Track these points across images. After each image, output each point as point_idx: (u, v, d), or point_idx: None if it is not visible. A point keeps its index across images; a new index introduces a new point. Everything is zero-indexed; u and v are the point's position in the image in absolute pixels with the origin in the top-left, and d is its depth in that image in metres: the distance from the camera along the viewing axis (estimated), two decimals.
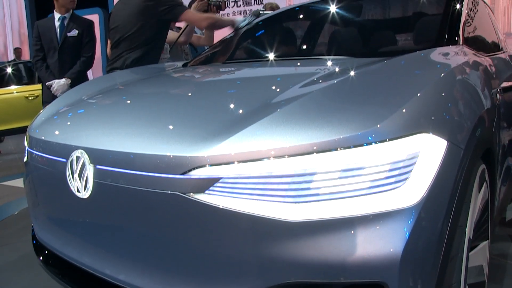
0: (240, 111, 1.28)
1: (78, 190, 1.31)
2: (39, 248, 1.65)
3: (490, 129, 1.49)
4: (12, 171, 5.22)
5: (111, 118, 1.50)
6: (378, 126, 1.04)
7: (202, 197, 1.08)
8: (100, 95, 1.85)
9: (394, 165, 1.02)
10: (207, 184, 1.08)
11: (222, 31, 3.09)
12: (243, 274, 1.07)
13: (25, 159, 1.71)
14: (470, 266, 1.25)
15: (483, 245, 1.43)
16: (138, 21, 2.97)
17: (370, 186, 1.02)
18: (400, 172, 1.03)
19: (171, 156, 1.12)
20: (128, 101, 1.73)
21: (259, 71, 2.03)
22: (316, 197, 1.02)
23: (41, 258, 1.61)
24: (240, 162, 1.06)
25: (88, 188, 1.28)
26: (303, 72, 1.82)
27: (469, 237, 1.21)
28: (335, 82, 1.36)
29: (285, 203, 1.03)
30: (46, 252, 1.60)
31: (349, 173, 1.02)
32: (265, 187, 1.05)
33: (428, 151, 1.06)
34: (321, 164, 1.02)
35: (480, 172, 1.33)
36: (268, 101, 1.28)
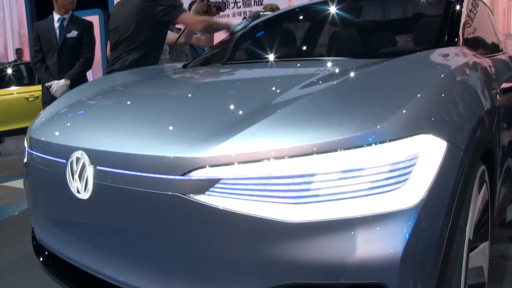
0: (240, 112, 1.28)
1: (78, 191, 1.31)
2: (39, 249, 1.65)
3: (490, 130, 1.49)
4: (12, 172, 5.22)
5: (111, 119, 1.50)
6: (378, 127, 1.04)
7: (202, 198, 1.08)
8: (100, 96, 1.85)
9: (394, 166, 1.02)
10: (207, 185, 1.08)
11: (223, 32, 3.09)
12: (243, 275, 1.07)
13: (25, 160, 1.71)
14: (470, 267, 1.25)
15: (483, 246, 1.43)
16: (136, 23, 2.98)
17: (370, 187, 1.02)
18: (400, 173, 1.03)
19: (171, 157, 1.12)
20: (128, 102, 1.73)
21: (259, 72, 2.03)
22: (316, 198, 1.02)
23: (41, 259, 1.61)
24: (240, 163, 1.06)
25: (88, 189, 1.28)
26: (303, 73, 1.82)
27: (469, 238, 1.21)
28: (335, 83, 1.36)
29: (285, 204, 1.03)
30: (46, 253, 1.60)
31: (349, 174, 1.02)
32: (265, 188, 1.05)
33: (428, 152, 1.06)
34: (321, 165, 1.02)
35: (480, 173, 1.33)
36: (268, 102, 1.28)
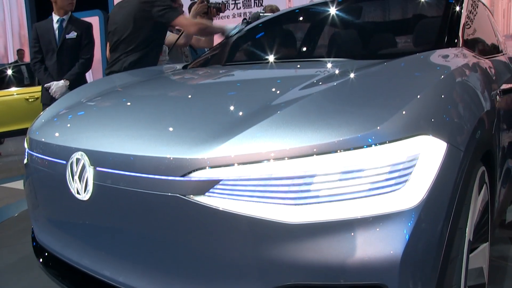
0: (240, 113, 1.28)
1: (78, 192, 1.31)
2: (39, 250, 1.65)
3: (490, 131, 1.49)
4: (12, 173, 5.22)
5: (111, 120, 1.50)
6: (378, 128, 1.04)
7: (202, 199, 1.08)
8: (101, 97, 1.85)
9: (394, 167, 1.02)
10: (207, 186, 1.08)
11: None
12: (243, 276, 1.07)
13: (25, 161, 1.71)
14: (470, 268, 1.25)
15: (483, 247, 1.43)
16: (135, 24, 2.98)
17: (370, 188, 1.02)
18: (400, 174, 1.03)
19: (171, 158, 1.12)
20: (128, 103, 1.73)
21: (259, 73, 2.03)
22: (316, 199, 1.02)
23: (41, 260, 1.61)
24: (240, 164, 1.06)
25: (88, 190, 1.28)
26: (303, 74, 1.82)
27: (469, 239, 1.21)
28: (335, 84, 1.36)
29: (285, 205, 1.03)
30: (46, 254, 1.60)
31: (349, 175, 1.02)
32: (265, 189, 1.04)
33: (428, 153, 1.06)
34: (321, 166, 1.02)
35: (480, 174, 1.33)
36: (268, 103, 1.28)
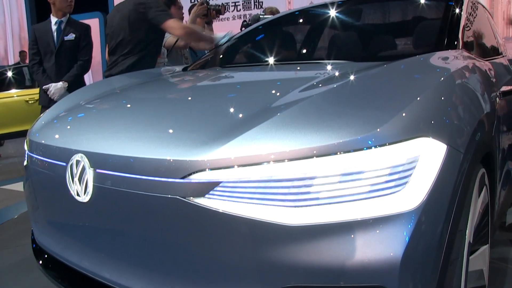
0: (240, 115, 1.28)
1: (78, 194, 1.31)
2: (39, 252, 1.64)
3: (490, 133, 1.49)
4: (12, 175, 5.22)
5: (111, 122, 1.50)
6: (378, 130, 1.04)
7: (202, 201, 1.08)
8: (100, 99, 1.85)
9: (394, 169, 1.02)
10: (207, 188, 1.08)
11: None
12: (243, 278, 1.07)
13: (25, 163, 1.71)
14: (470, 271, 1.25)
15: (483, 249, 1.43)
16: (130, 27, 2.98)
17: (370, 190, 1.01)
18: (400, 176, 1.03)
19: (171, 160, 1.12)
20: (128, 105, 1.73)
21: (259, 75, 2.04)
22: (316, 201, 1.02)
23: (41, 262, 1.61)
24: (240, 166, 1.06)
25: (88, 192, 1.28)
26: (303, 76, 1.82)
27: (469, 241, 1.21)
28: (335, 86, 1.36)
29: (285, 207, 1.03)
30: (46, 256, 1.59)
31: (349, 177, 1.02)
32: (265, 191, 1.04)
33: (428, 155, 1.06)
34: (321, 168, 1.02)
35: (480, 176, 1.33)
36: (268, 105, 1.28)
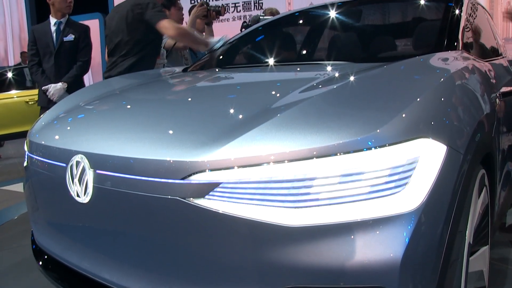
0: (240, 116, 1.28)
1: (78, 195, 1.31)
2: (39, 253, 1.64)
3: (490, 134, 1.49)
4: (12, 176, 5.22)
5: (111, 123, 1.51)
6: (378, 131, 1.04)
7: (202, 202, 1.08)
8: (101, 100, 1.85)
9: (394, 170, 1.02)
10: (207, 189, 1.08)
11: (225, 34, 3.06)
12: (243, 279, 1.07)
13: (25, 164, 1.71)
14: (470, 271, 1.25)
15: (483, 250, 1.43)
16: (128, 27, 2.98)
17: (370, 191, 1.01)
18: (400, 177, 1.03)
19: (171, 161, 1.12)
20: (128, 106, 1.73)
21: (259, 76, 2.04)
22: (316, 202, 1.02)
23: (41, 263, 1.61)
24: (240, 167, 1.06)
25: (88, 193, 1.28)
26: (303, 77, 1.82)
27: (469, 242, 1.21)
28: (335, 87, 1.36)
29: (285, 208, 1.03)
30: (46, 257, 1.59)
31: (349, 178, 1.02)
32: (265, 192, 1.05)
33: (428, 156, 1.06)
34: (321, 169, 1.02)
35: (480, 177, 1.33)
36: (268, 106, 1.28)
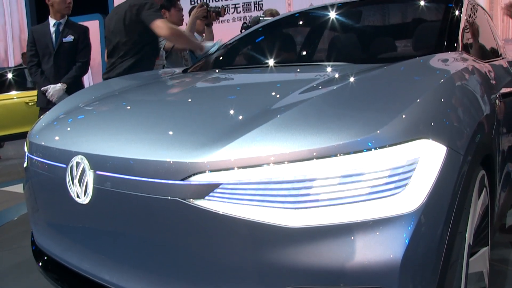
0: (240, 117, 1.28)
1: (78, 196, 1.31)
2: (39, 254, 1.64)
3: (490, 135, 1.49)
4: (12, 177, 5.22)
5: (111, 124, 1.51)
6: (378, 132, 1.04)
7: (202, 203, 1.08)
8: (101, 101, 1.85)
9: (394, 171, 1.02)
10: (207, 190, 1.08)
11: (225, 35, 3.07)
12: (243, 280, 1.07)
13: (25, 165, 1.71)
14: (470, 272, 1.25)
15: (483, 251, 1.43)
16: (125, 28, 2.99)
17: (370, 192, 1.01)
18: (400, 178, 1.03)
19: (171, 162, 1.12)
20: (128, 107, 1.73)
21: (259, 77, 2.04)
22: (316, 203, 1.02)
23: (40, 264, 1.60)
24: (240, 168, 1.06)
25: (88, 194, 1.28)
26: (303, 78, 1.82)
27: (469, 243, 1.21)
28: (335, 88, 1.36)
29: (285, 209, 1.03)
30: (46, 258, 1.59)
31: (349, 179, 1.02)
32: (265, 193, 1.05)
33: (428, 157, 1.06)
34: (321, 170, 1.02)
35: (480, 178, 1.33)
36: (268, 107, 1.28)
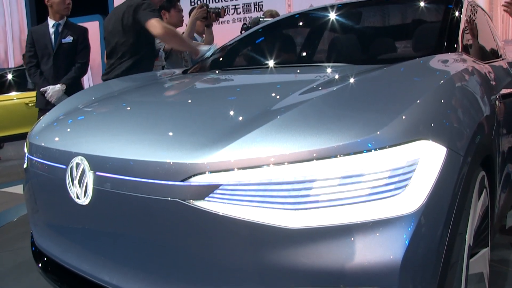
0: (240, 118, 1.28)
1: (78, 197, 1.31)
2: (38, 255, 1.64)
3: (490, 136, 1.49)
4: (12, 178, 5.22)
5: (111, 125, 1.50)
6: (378, 133, 1.04)
7: (202, 204, 1.08)
8: (101, 102, 1.85)
9: (394, 172, 1.02)
10: (207, 191, 1.08)
11: (225, 36, 3.07)
12: (243, 281, 1.07)
13: (25, 166, 1.71)
14: (471, 274, 1.25)
15: (483, 252, 1.43)
16: (123, 29, 2.98)
17: (370, 193, 1.01)
18: (400, 179, 1.03)
19: (171, 163, 1.12)
20: (128, 108, 1.73)
21: (259, 78, 2.04)
22: (316, 204, 1.02)
23: (40, 265, 1.60)
24: (240, 169, 1.06)
25: (88, 195, 1.28)
26: (303, 79, 1.82)
27: (469, 244, 1.21)
28: (335, 89, 1.36)
29: (285, 210, 1.03)
30: (45, 259, 1.59)
31: (349, 180, 1.02)
32: (265, 194, 1.04)
33: (428, 158, 1.06)
34: (321, 171, 1.02)
35: (480, 179, 1.33)
36: (268, 108, 1.28)
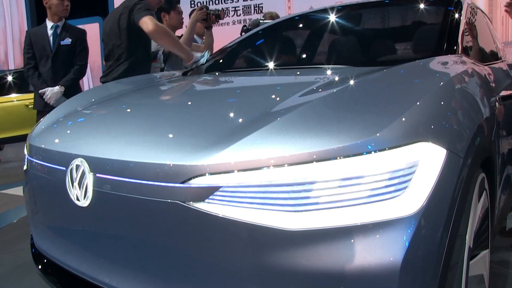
0: (240, 120, 1.28)
1: (78, 199, 1.31)
2: (38, 257, 1.64)
3: (490, 138, 1.49)
4: (12, 179, 5.22)
5: (111, 127, 1.50)
6: (378, 135, 1.04)
7: (202, 206, 1.08)
8: (101, 104, 1.85)
9: (394, 174, 1.02)
10: (207, 193, 1.08)
11: (225, 38, 3.07)
12: (243, 283, 1.06)
13: (25, 167, 1.71)
14: (471, 275, 1.25)
15: (484, 254, 1.43)
16: (120, 31, 2.98)
17: (370, 195, 1.01)
18: (400, 181, 1.03)
19: (171, 165, 1.12)
20: (128, 110, 1.73)
21: (259, 80, 2.04)
22: (316, 206, 1.02)
23: (40, 267, 1.60)
24: (240, 171, 1.06)
25: (88, 197, 1.28)
26: (303, 81, 1.82)
27: (469, 246, 1.21)
28: (335, 91, 1.36)
29: (285, 212, 1.03)
30: (45, 261, 1.59)
31: (349, 182, 1.02)
32: (265, 196, 1.04)
33: (428, 160, 1.06)
34: (321, 173, 1.02)
35: (480, 181, 1.33)
36: (268, 110, 1.28)
